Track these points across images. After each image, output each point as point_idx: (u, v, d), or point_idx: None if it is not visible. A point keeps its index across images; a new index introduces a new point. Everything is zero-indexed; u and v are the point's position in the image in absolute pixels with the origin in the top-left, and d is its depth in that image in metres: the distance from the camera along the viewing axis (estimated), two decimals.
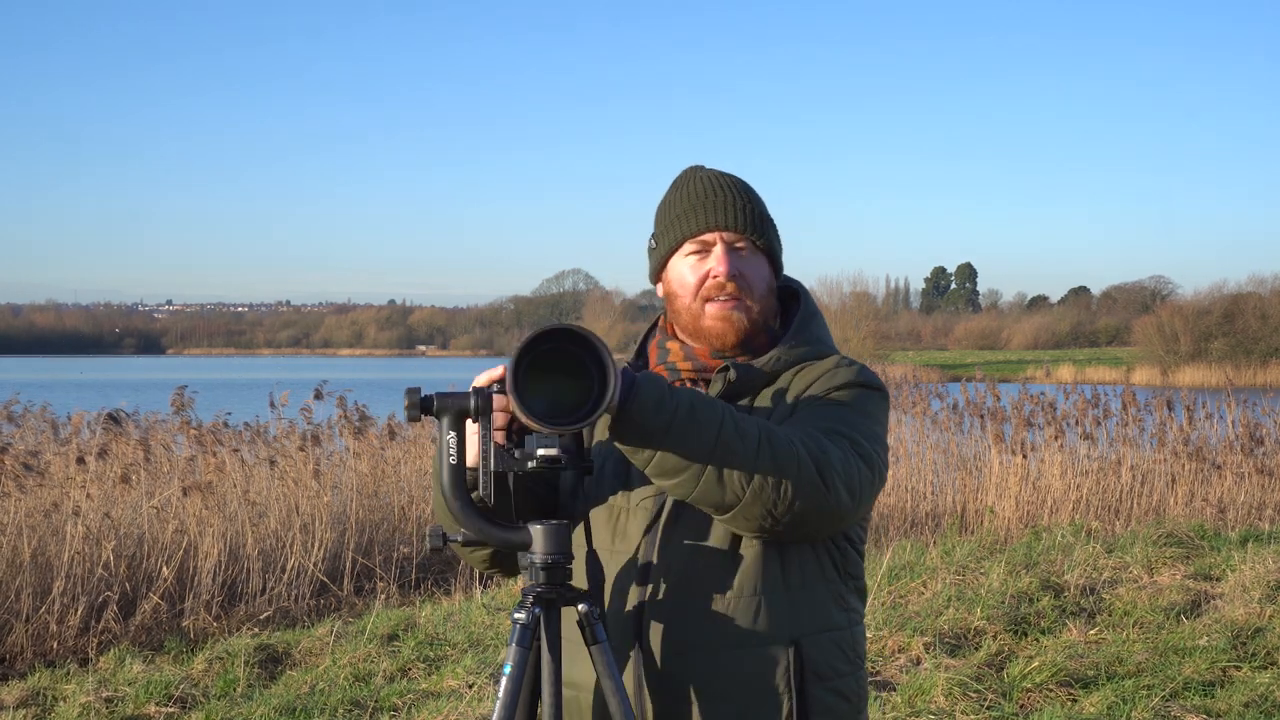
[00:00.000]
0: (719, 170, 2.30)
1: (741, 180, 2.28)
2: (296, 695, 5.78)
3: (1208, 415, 13.02)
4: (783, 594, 2.10)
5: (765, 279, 2.25)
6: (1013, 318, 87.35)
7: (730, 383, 2.19)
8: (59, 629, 7.00)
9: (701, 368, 2.23)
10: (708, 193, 2.24)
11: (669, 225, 2.26)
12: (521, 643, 2.02)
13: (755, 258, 2.24)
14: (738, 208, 2.22)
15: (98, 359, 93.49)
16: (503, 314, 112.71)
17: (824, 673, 2.12)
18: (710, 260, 2.21)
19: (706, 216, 2.22)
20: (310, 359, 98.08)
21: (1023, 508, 10.94)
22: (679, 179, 2.31)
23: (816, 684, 2.12)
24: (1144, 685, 5.72)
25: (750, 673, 2.10)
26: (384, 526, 9.27)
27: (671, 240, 2.25)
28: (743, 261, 2.21)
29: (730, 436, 1.97)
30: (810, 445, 2.02)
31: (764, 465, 1.97)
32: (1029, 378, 17.79)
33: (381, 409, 11.23)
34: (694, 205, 2.24)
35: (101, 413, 9.53)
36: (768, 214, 2.28)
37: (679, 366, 2.24)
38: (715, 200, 2.23)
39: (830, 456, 2.02)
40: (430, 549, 2.10)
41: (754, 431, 1.99)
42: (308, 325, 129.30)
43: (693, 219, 2.23)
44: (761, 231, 2.24)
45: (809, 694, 2.11)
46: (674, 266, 2.26)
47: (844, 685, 2.16)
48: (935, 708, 5.48)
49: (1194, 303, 55.12)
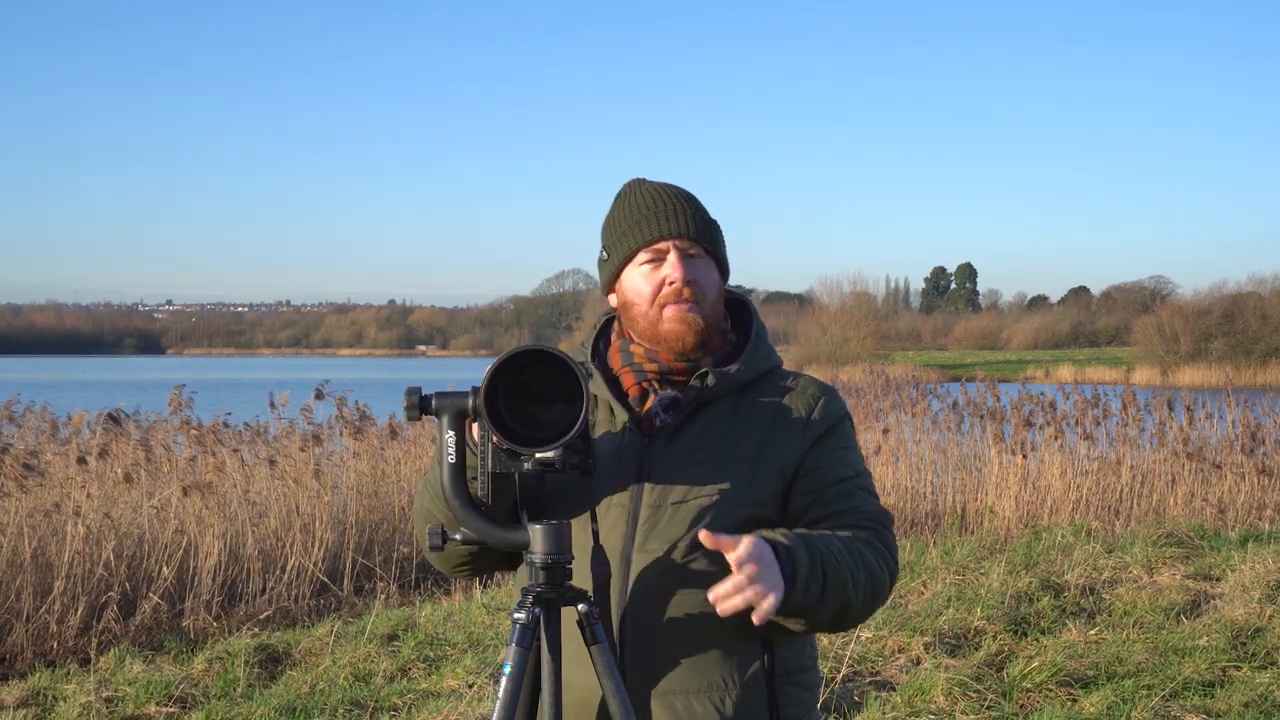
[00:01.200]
0: (661, 181, 2.35)
1: (684, 189, 2.34)
2: (296, 695, 5.78)
3: (1208, 415, 13.03)
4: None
5: (716, 284, 2.30)
6: (1013, 318, 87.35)
7: (706, 387, 2.24)
8: (59, 629, 7.01)
9: (666, 369, 2.27)
10: (656, 203, 2.29)
11: (621, 236, 2.30)
12: (521, 643, 2.03)
13: (706, 263, 2.29)
14: (687, 216, 2.28)
15: (98, 359, 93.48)
16: (503, 314, 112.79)
17: (790, 667, 2.23)
18: (665, 267, 2.26)
19: (659, 225, 2.26)
20: (310, 359, 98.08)
21: (1023, 508, 10.94)
22: (623, 192, 2.35)
23: (784, 677, 2.22)
24: (1144, 685, 5.72)
25: (724, 669, 2.17)
26: (384, 526, 9.28)
27: (625, 250, 2.29)
28: (696, 268, 2.27)
29: (849, 593, 2.12)
30: (886, 559, 2.20)
31: (864, 606, 2.16)
32: (1029, 378, 17.77)
33: (381, 409, 11.24)
34: (645, 215, 2.28)
35: (102, 413, 9.52)
36: (713, 220, 2.33)
37: (645, 367, 2.28)
38: (665, 209, 2.28)
39: (894, 561, 2.23)
40: (430, 547, 2.12)
41: (864, 578, 2.14)
42: (308, 325, 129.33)
43: (645, 228, 2.27)
44: (710, 238, 2.30)
45: (777, 687, 2.21)
46: (628, 276, 2.30)
47: (806, 678, 2.28)
48: (935, 708, 5.48)
49: (1194, 303, 55.12)
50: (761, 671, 2.19)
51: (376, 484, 9.75)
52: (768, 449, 2.23)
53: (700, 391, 2.24)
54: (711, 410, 2.26)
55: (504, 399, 2.00)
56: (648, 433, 2.25)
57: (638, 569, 2.18)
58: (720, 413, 2.26)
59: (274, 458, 9.28)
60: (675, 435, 2.24)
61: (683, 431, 2.24)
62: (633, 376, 2.29)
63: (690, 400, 2.24)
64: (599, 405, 2.30)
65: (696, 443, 2.23)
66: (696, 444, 2.23)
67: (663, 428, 2.25)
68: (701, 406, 2.25)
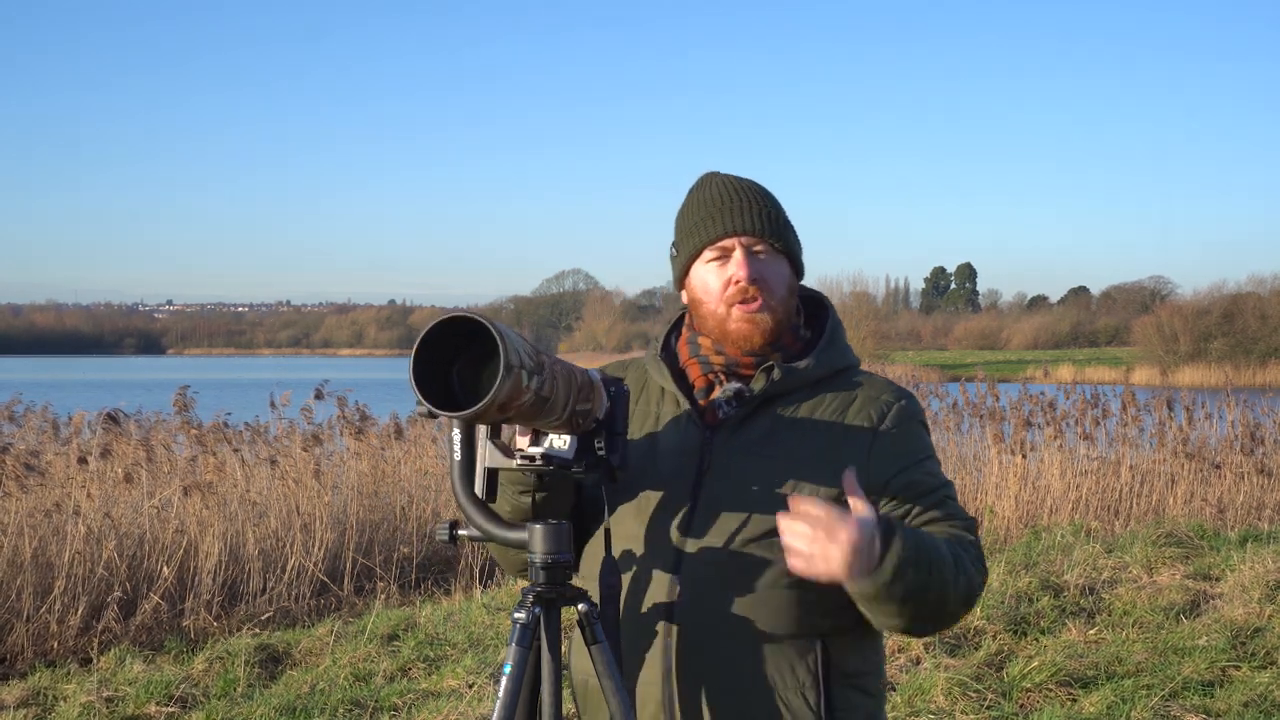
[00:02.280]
0: (735, 175, 2.30)
1: (758, 184, 2.28)
2: (296, 695, 5.78)
3: (1207, 415, 13.03)
4: (812, 591, 2.08)
5: (786, 281, 2.24)
6: (1012, 318, 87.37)
7: (773, 381, 2.19)
8: (59, 629, 7.01)
9: (734, 362, 2.23)
10: (725, 198, 2.24)
11: (688, 232, 2.26)
12: (521, 642, 2.02)
13: (775, 260, 2.23)
14: (755, 212, 2.22)
15: (98, 359, 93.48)
16: (503, 314, 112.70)
17: (848, 669, 2.15)
18: (731, 266, 2.21)
19: (724, 222, 2.22)
20: (310, 359, 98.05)
21: (1022, 508, 10.94)
22: (695, 186, 2.30)
23: (841, 681, 2.14)
24: (1143, 685, 5.72)
25: (778, 668, 2.11)
26: (384, 526, 9.28)
27: (692, 247, 2.25)
28: (763, 265, 2.21)
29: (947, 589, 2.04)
30: (981, 566, 2.14)
31: (957, 610, 2.09)
32: (1029, 378, 17.78)
33: (382, 409, 11.24)
34: (711, 211, 2.24)
35: (102, 413, 9.52)
36: (785, 216, 2.27)
37: (712, 360, 2.24)
38: (732, 205, 2.23)
39: (985, 570, 2.16)
40: (449, 539, 2.09)
41: (963, 582, 2.07)
42: (308, 325, 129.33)
43: (711, 225, 2.23)
44: (780, 234, 2.24)
45: (834, 691, 2.13)
46: (696, 273, 2.26)
47: (866, 682, 2.19)
48: (935, 707, 5.48)
49: (1193, 303, 55.15)
50: (818, 672, 2.12)
51: (377, 484, 9.75)
52: (833, 450, 2.16)
53: (767, 386, 2.19)
54: (778, 406, 2.21)
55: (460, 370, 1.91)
56: (711, 424, 2.22)
57: (692, 564, 2.14)
58: (787, 409, 2.21)
59: (274, 458, 9.28)
60: (738, 429, 2.20)
61: (747, 426, 2.20)
62: (699, 368, 2.26)
63: (756, 394, 2.19)
64: (664, 397, 2.27)
65: (760, 438, 2.19)
66: (760, 439, 2.18)
67: (725, 420, 2.21)
68: (768, 401, 2.21)
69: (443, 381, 1.91)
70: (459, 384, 1.91)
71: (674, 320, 2.39)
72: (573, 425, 2.03)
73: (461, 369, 1.91)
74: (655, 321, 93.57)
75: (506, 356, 1.79)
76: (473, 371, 1.89)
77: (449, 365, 1.91)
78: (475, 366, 1.88)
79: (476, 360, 1.87)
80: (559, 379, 1.94)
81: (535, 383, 1.87)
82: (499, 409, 1.83)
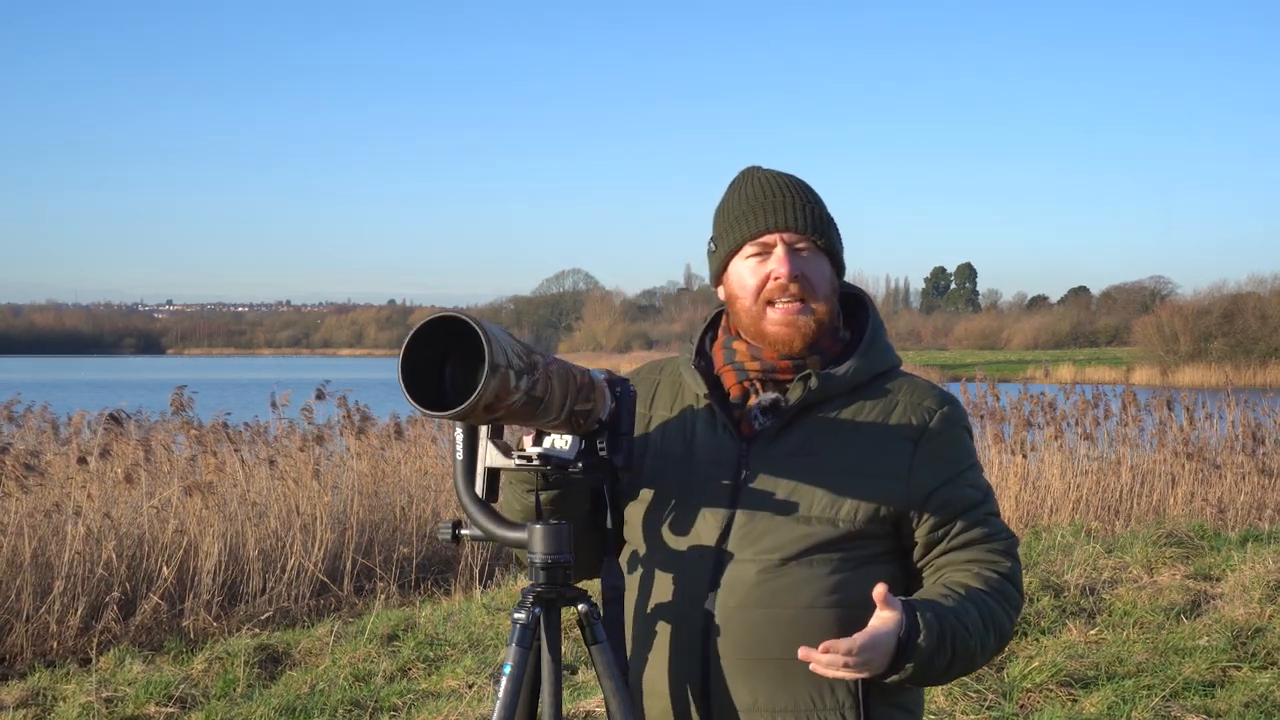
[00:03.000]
0: (777, 170, 2.25)
1: (800, 180, 2.23)
2: (296, 695, 5.78)
3: (1207, 415, 13.02)
4: (853, 610, 2.06)
5: (828, 279, 2.19)
6: (1013, 318, 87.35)
7: (810, 391, 2.14)
8: (59, 629, 7.00)
9: (769, 368, 2.17)
10: (767, 193, 2.19)
11: (728, 227, 2.21)
12: (521, 643, 2.02)
13: (817, 258, 2.18)
14: (797, 208, 2.17)
15: (98, 359, 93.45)
16: (503, 314, 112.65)
17: (887, 688, 2.09)
18: (771, 262, 2.15)
19: (766, 217, 2.16)
20: (310, 359, 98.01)
21: (1022, 508, 10.94)
22: (737, 180, 2.25)
23: (880, 698, 2.11)
24: (1144, 685, 5.72)
25: (816, 687, 2.07)
26: (384, 526, 9.27)
27: (731, 242, 2.20)
28: (804, 262, 2.16)
29: (975, 660, 2.07)
30: (1015, 600, 2.13)
31: (986, 661, 2.12)
32: (1029, 378, 17.75)
33: (382, 409, 11.23)
34: (753, 206, 2.18)
35: (102, 413, 9.52)
36: (828, 214, 2.22)
37: (746, 366, 2.19)
38: (774, 201, 2.17)
39: (1020, 594, 2.15)
40: (452, 539, 2.09)
41: (993, 641, 2.08)
42: (308, 325, 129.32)
43: (752, 220, 2.17)
44: (823, 231, 2.18)
45: (873, 708, 2.10)
46: (734, 269, 2.20)
47: (905, 699, 2.16)
48: (935, 708, 5.47)
49: (1194, 303, 55.13)
50: (859, 693, 2.08)
51: (377, 484, 9.75)
52: (874, 460, 2.12)
53: (804, 395, 2.14)
54: (817, 413, 2.15)
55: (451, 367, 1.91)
56: (747, 435, 2.17)
57: (729, 578, 2.10)
58: (827, 416, 2.15)
59: (274, 458, 9.28)
60: (776, 439, 2.15)
61: (784, 436, 2.15)
62: (734, 375, 2.20)
63: (794, 405, 2.14)
64: (700, 404, 2.22)
65: (798, 448, 2.13)
66: (798, 450, 2.13)
67: (761, 431, 2.16)
68: (806, 409, 2.15)
69: (435, 380, 1.90)
70: (451, 383, 1.90)
71: (709, 318, 2.33)
72: (572, 425, 2.02)
73: (454, 368, 1.91)
74: (656, 321, 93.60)
75: (492, 356, 1.77)
76: (465, 371, 1.88)
77: (442, 364, 1.91)
78: (468, 366, 1.86)
79: (469, 360, 1.85)
80: (554, 379, 1.93)
81: (525, 383, 1.85)
82: (485, 409, 1.81)
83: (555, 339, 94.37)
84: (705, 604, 2.11)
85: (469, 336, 1.82)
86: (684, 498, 2.16)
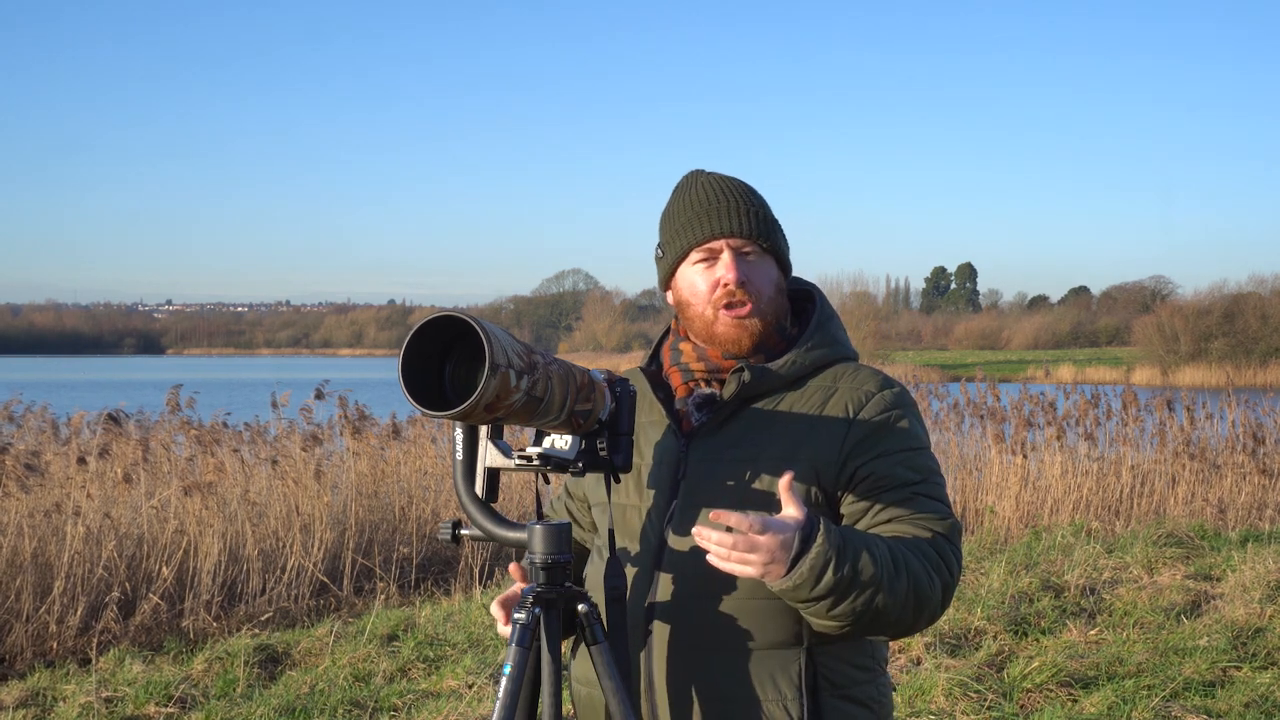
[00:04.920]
0: (720, 174, 2.27)
1: (744, 183, 2.26)
2: (296, 695, 5.78)
3: (1208, 415, 13.02)
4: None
5: (773, 281, 2.23)
6: (1013, 318, 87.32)
7: (744, 384, 2.17)
8: (59, 629, 7.00)
9: (714, 368, 2.21)
10: (710, 199, 2.21)
11: (674, 234, 2.24)
12: (521, 643, 2.02)
13: (762, 261, 2.21)
14: (741, 213, 2.20)
15: (97, 359, 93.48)
16: (503, 314, 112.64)
17: (837, 679, 2.09)
18: (719, 268, 2.19)
19: (711, 224, 2.19)
20: (310, 359, 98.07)
21: (1023, 508, 10.94)
22: (680, 185, 2.28)
23: (829, 690, 2.09)
24: (1144, 685, 5.72)
25: (760, 677, 2.08)
26: (384, 526, 9.27)
27: (678, 249, 2.23)
28: (750, 267, 2.19)
29: (882, 598, 1.96)
30: (938, 568, 2.04)
31: (904, 615, 2.00)
32: (1029, 378, 17.80)
33: (382, 409, 11.23)
34: (697, 213, 2.21)
35: (102, 413, 9.52)
36: (772, 215, 2.25)
37: (692, 367, 2.23)
38: (718, 206, 2.20)
39: (949, 572, 2.05)
40: (452, 539, 2.10)
41: (905, 585, 1.98)
42: (308, 325, 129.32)
43: (697, 227, 2.20)
44: (767, 234, 2.21)
45: (821, 700, 2.09)
46: (683, 274, 2.24)
47: (860, 692, 2.13)
48: (935, 708, 5.47)
49: (1194, 303, 55.09)
50: (802, 684, 2.07)
51: (376, 484, 9.74)
52: (804, 447, 2.12)
53: (739, 389, 2.16)
54: (756, 407, 2.18)
55: (452, 367, 1.91)
56: (688, 432, 2.21)
57: (668, 573, 2.13)
58: (765, 409, 2.18)
59: (274, 458, 9.28)
60: (715, 434, 2.18)
61: (723, 430, 2.18)
62: (680, 376, 2.25)
63: (730, 398, 2.17)
64: (651, 407, 2.26)
65: (736, 440, 2.16)
66: (736, 442, 2.16)
67: (699, 427, 2.19)
68: (746, 403, 2.18)
69: (436, 380, 1.90)
70: (451, 383, 1.90)
71: (667, 327, 2.37)
72: (573, 425, 2.03)
73: (455, 368, 1.90)
74: (655, 321, 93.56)
75: (492, 356, 1.77)
76: (466, 371, 1.88)
77: (442, 364, 1.91)
78: (469, 366, 1.87)
79: (469, 359, 1.85)
80: (554, 379, 1.93)
81: (525, 383, 1.85)
82: (486, 409, 1.82)
83: (555, 339, 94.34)
84: (648, 596, 2.14)
85: (469, 336, 1.82)
86: (634, 499, 2.22)
